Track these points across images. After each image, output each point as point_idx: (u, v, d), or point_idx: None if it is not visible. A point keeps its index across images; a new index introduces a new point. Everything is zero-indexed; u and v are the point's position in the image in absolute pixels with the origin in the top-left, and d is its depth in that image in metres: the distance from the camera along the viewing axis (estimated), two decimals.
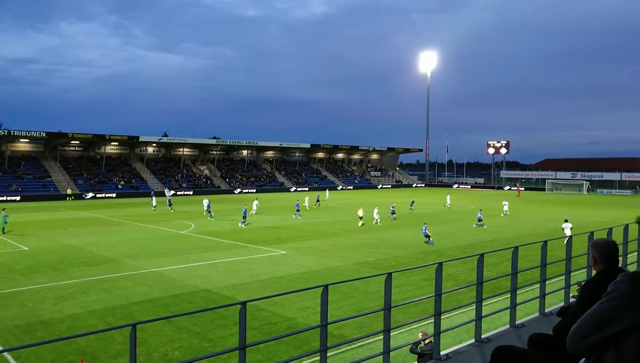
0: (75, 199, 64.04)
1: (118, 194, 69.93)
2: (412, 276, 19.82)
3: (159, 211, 48.01)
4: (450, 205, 53.35)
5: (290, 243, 29.49)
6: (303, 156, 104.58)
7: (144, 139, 79.56)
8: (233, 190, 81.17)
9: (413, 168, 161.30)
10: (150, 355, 12.25)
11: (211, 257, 24.95)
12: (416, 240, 30.80)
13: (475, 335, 7.60)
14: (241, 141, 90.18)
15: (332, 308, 13.82)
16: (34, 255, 25.51)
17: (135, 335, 4.61)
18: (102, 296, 17.60)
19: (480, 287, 7.72)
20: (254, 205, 46.23)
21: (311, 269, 22.27)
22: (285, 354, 12.07)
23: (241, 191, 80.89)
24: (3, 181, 66.30)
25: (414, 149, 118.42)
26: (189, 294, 18.01)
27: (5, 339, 13.43)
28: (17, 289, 18.59)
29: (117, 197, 68.83)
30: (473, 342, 7.56)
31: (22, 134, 69.04)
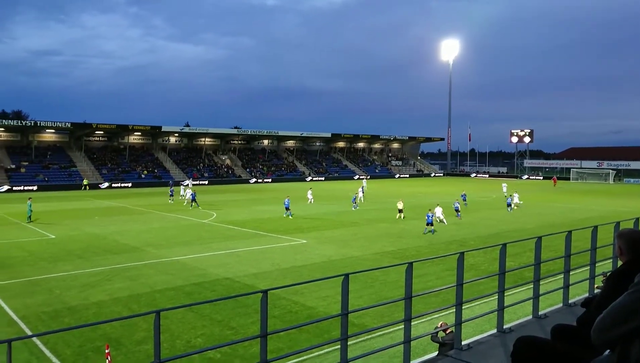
0: (90, 189, 64.90)
1: (134, 184, 70.61)
2: (432, 266, 19.73)
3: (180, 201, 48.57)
4: (507, 194, 51.85)
5: (310, 232, 29.58)
6: (323, 145, 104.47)
7: (166, 129, 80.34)
8: (249, 180, 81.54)
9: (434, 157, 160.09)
10: (174, 341, 12.46)
11: (232, 246, 25.19)
12: (437, 230, 30.61)
13: (497, 325, 7.54)
14: (262, 131, 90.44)
15: (353, 297, 13.84)
16: (60, 243, 26.07)
17: (159, 322, 4.68)
18: (126, 284, 17.93)
19: (503, 277, 7.64)
20: (309, 194, 46.51)
21: (331, 258, 22.33)
22: (306, 342, 12.15)
23: (256, 181, 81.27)
24: (30, 171, 67.74)
25: (435, 138, 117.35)
26: (211, 282, 18.23)
27: (34, 325, 13.80)
28: (45, 276, 19.05)
29: (132, 187, 69.43)
30: (495, 332, 7.51)
31: (48, 125, 70.31)
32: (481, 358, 6.42)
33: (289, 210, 36.65)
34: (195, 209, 41.41)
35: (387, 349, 8.33)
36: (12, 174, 66.11)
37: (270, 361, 5.59)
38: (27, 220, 33.55)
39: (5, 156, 69.72)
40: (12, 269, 20.22)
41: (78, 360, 11.35)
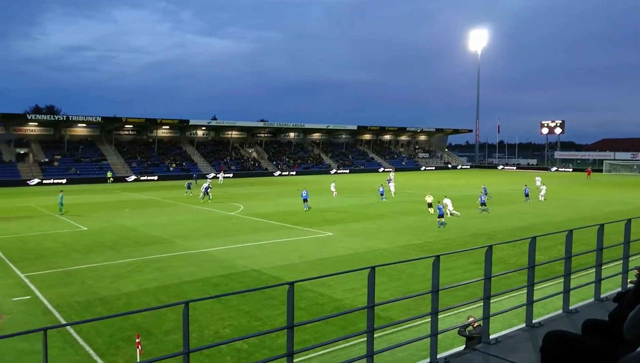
0: (116, 182, 65.92)
1: (160, 176, 71.46)
2: (460, 259, 19.54)
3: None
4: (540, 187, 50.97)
5: (336, 225, 29.60)
6: (349, 138, 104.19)
7: (194, 122, 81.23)
8: (273, 172, 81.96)
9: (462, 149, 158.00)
10: (202, 332, 12.65)
11: (259, 238, 25.39)
12: (463, 223, 30.29)
13: (526, 319, 7.43)
14: (288, 124, 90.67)
15: (379, 290, 13.80)
16: (92, 235, 26.70)
17: (187, 312, 4.76)
18: (155, 275, 18.27)
19: (532, 271, 7.52)
20: (332, 187, 46.71)
21: (357, 251, 22.32)
22: (332, 334, 12.20)
23: (281, 174, 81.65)
24: (63, 165, 69.44)
25: (463, 130, 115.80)
26: (238, 274, 18.43)
27: (68, 314, 14.18)
28: (77, 267, 19.54)
29: (158, 180, 70.28)
30: (524, 326, 7.40)
31: (80, 119, 71.86)
32: (509, 352, 6.34)
33: (306, 202, 36.69)
34: (213, 202, 41.77)
35: (413, 342, 8.28)
36: (45, 168, 67.88)
37: (297, 352, 5.63)
38: (58, 212, 34.44)
39: (39, 150, 71.59)
40: (46, 260, 20.81)
41: (110, 349, 11.63)
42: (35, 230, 28.37)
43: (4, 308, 14.79)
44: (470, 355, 6.55)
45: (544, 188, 42.58)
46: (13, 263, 20.14)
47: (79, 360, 11.07)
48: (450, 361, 6.21)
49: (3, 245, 23.76)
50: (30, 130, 73.48)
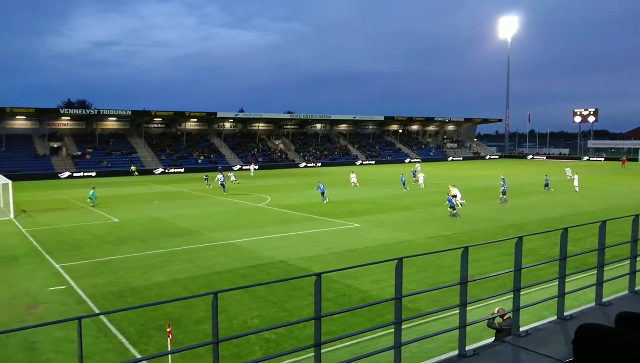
0: (141, 175, 66.77)
1: (187, 169, 72.29)
2: (489, 250, 19.29)
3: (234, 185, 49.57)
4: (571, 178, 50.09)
5: (363, 216, 29.54)
6: (376, 128, 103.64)
7: (221, 115, 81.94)
8: (298, 164, 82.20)
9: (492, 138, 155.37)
10: (231, 322, 12.82)
11: (286, 229, 25.53)
12: (493, 214, 29.89)
13: (557, 312, 7.30)
14: (314, 115, 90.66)
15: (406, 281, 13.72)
16: (123, 226, 27.26)
17: (216, 302, 4.81)
18: (185, 266, 18.56)
19: (564, 263, 7.37)
20: (353, 178, 46.71)
21: (384, 242, 22.24)
22: (359, 325, 12.21)
23: (306, 165, 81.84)
24: (95, 158, 70.98)
25: (492, 120, 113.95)
26: (266, 265, 18.58)
27: (101, 304, 14.55)
28: (110, 258, 20.00)
29: (185, 172, 71.03)
30: (555, 319, 7.28)
31: (110, 113, 73.24)
32: (540, 344, 6.25)
33: (324, 195, 36.66)
34: (240, 194, 42.12)
35: (441, 334, 8.23)
36: (78, 161, 69.50)
37: (324, 343, 5.65)
38: (90, 205, 35.27)
39: (71, 144, 73.31)
40: (80, 251, 21.35)
41: (142, 338, 11.89)
42: (69, 221, 29.13)
43: (41, 297, 15.25)
44: (499, 347, 6.48)
45: (576, 178, 41.55)
46: (49, 254, 20.73)
47: (112, 349, 11.36)
48: (479, 353, 6.15)
49: (39, 237, 24.47)
50: (63, 124, 75.27)
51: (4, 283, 16.75)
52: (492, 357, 6.12)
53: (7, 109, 66.04)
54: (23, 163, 65.71)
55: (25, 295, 15.45)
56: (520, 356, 6.19)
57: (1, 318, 13.51)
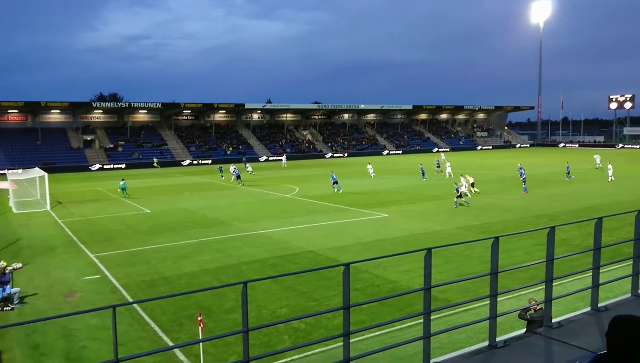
0: (161, 167, 67.41)
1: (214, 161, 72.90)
2: (520, 241, 18.97)
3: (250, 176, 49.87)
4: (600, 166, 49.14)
5: (391, 206, 29.40)
6: (405, 118, 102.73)
7: (249, 106, 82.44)
8: (324, 154, 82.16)
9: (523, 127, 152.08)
10: (260, 311, 12.96)
11: (315, 220, 25.60)
12: (525, 203, 29.36)
13: (591, 303, 7.15)
14: (342, 105, 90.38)
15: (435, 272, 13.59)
16: (155, 217, 27.78)
17: (246, 292, 4.87)
18: (215, 256, 18.82)
19: (598, 253, 7.20)
20: (369, 169, 46.62)
21: (413, 232, 22.10)
22: (388, 315, 12.19)
23: (332, 156, 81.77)
24: (126, 150, 72.39)
25: (524, 107, 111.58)
26: (294, 255, 18.69)
27: (134, 292, 14.89)
28: (142, 248, 20.42)
29: (212, 164, 71.43)
30: (588, 310, 7.13)
31: (141, 106, 74.50)
32: (573, 336, 6.13)
33: (337, 184, 36.61)
34: (269, 184, 42.35)
35: (471, 325, 8.14)
36: (110, 153, 71.02)
37: (353, 333, 5.66)
38: (121, 196, 36.05)
39: (104, 136, 74.91)
40: (114, 241, 21.87)
41: (174, 326, 12.13)
42: (102, 212, 29.84)
43: (77, 286, 15.70)
44: (531, 339, 6.39)
45: (610, 167, 40.40)
46: (83, 244, 21.30)
47: (145, 336, 11.62)
48: (509, 344, 6.07)
49: (74, 227, 25.15)
50: (96, 117, 76.92)
51: (42, 272, 17.30)
52: (523, 348, 6.03)
53: (43, 103, 67.86)
54: (58, 156, 67.51)
55: (62, 284, 15.92)
56: (552, 347, 6.09)
57: (40, 306, 13.97)
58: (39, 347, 11.23)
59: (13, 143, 67.45)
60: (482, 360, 5.77)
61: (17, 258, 18.88)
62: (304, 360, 10.07)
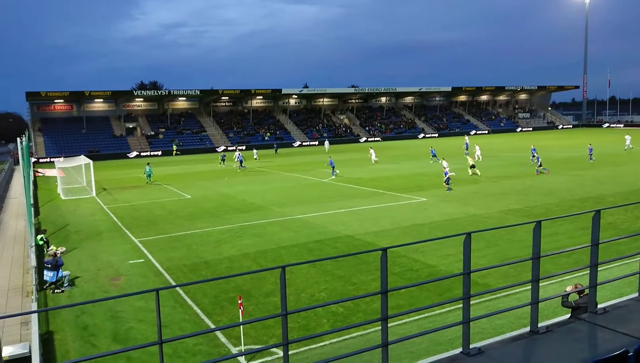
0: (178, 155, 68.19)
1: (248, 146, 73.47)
2: (564, 224, 18.48)
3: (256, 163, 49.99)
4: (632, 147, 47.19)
5: (430, 190, 29.06)
6: (443, 100, 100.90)
7: (286, 91, 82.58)
8: (358, 139, 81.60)
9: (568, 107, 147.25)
10: (299, 295, 13.10)
11: (352, 204, 25.58)
12: (569, 185, 28.50)
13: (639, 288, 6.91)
14: (379, 88, 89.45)
15: (476, 256, 13.45)
16: (195, 202, 28.34)
17: (284, 276, 4.92)
18: (254, 241, 19.09)
19: None
20: (372, 155, 45.97)
21: (452, 216, 21.81)
22: (427, 300, 12.13)
23: (366, 140, 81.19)
24: (167, 137, 73.84)
25: (568, 87, 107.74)
26: (332, 240, 18.76)
27: (177, 276, 15.29)
28: (183, 233, 20.90)
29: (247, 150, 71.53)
30: (636, 296, 6.90)
31: (180, 93, 75.73)
32: (619, 322, 5.95)
33: (334, 169, 36.57)
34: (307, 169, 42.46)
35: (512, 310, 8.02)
36: (152, 141, 72.61)
37: (391, 317, 5.65)
38: (146, 182, 37.19)
39: (145, 124, 76.60)
40: (156, 226, 22.45)
41: (215, 309, 12.41)
42: (145, 198, 30.64)
43: (122, 270, 16.23)
44: (575, 325, 6.23)
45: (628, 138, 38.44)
46: (128, 229, 21.96)
47: (188, 319, 11.94)
48: (552, 330, 5.95)
49: (119, 213, 25.94)
50: (137, 105, 78.64)
51: (90, 256, 17.96)
52: (567, 334, 5.89)
53: (86, 92, 69.85)
54: (102, 144, 69.51)
55: (108, 268, 16.49)
56: (597, 334, 5.93)
57: (88, 289, 14.53)
58: (88, 327, 11.70)
59: (60, 132, 69.81)
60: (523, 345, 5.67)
61: (66, 242, 19.66)
62: (343, 343, 10.14)
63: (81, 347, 10.74)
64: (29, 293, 14.08)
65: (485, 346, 5.52)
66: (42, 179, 43.67)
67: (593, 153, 39.43)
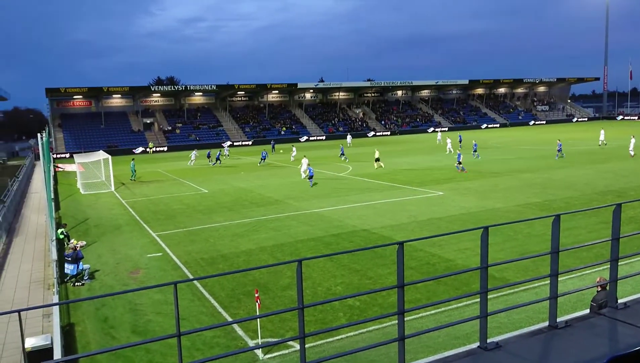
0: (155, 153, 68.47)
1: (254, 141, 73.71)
2: (584, 218, 18.23)
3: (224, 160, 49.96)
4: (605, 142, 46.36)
5: (447, 184, 28.87)
6: (460, 93, 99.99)
7: (302, 86, 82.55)
8: (367, 133, 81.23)
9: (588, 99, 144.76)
10: (316, 288, 13.13)
11: (369, 198, 25.53)
12: (589, 178, 28.09)
13: None
14: (395, 82, 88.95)
15: (494, 250, 13.36)
16: (212, 197, 28.54)
17: (301, 270, 4.92)
18: (270, 234, 19.17)
19: None
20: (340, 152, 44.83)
21: (470, 210, 21.65)
22: (444, 294, 12.07)
23: (375, 134, 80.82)
24: (184, 132, 74.37)
25: (588, 79, 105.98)
26: (349, 233, 18.75)
27: (194, 269, 15.43)
28: (201, 227, 21.06)
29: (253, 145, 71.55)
30: None
31: (197, 88, 76.13)
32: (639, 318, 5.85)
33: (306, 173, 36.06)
34: (325, 164, 42.41)
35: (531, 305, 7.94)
36: (169, 136, 73.18)
37: (408, 311, 5.64)
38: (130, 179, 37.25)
39: (162, 119, 77.22)
40: (174, 220, 22.66)
41: (232, 302, 12.51)
42: (162, 193, 30.94)
43: (141, 263, 16.43)
44: (594, 320, 6.15)
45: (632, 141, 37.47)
46: (146, 223, 22.20)
47: (205, 312, 12.05)
48: (571, 325, 5.87)
49: (137, 207, 26.24)
50: (154, 101, 79.31)
51: (109, 250, 18.20)
52: (586, 330, 5.82)
53: (105, 88, 70.62)
54: (120, 139, 70.27)
55: (127, 261, 16.71)
56: (618, 329, 5.84)
57: (108, 282, 14.74)
58: (108, 320, 11.88)
59: (79, 128, 70.74)
60: (542, 340, 5.62)
61: (86, 236, 19.95)
62: (359, 337, 10.15)
63: (101, 339, 10.91)
64: (50, 286, 14.34)
65: (503, 340, 5.48)
66: (62, 174, 44.35)
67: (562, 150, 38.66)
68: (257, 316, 10.60)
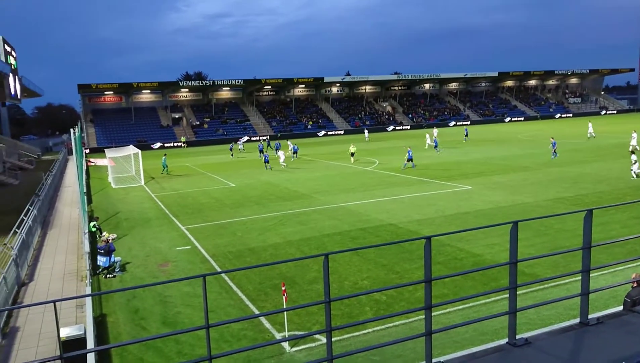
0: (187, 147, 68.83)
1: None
2: (617, 213, 17.77)
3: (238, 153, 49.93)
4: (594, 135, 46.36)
5: (475, 178, 28.50)
6: (489, 85, 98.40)
7: (328, 79, 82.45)
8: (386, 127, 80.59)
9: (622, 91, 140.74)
10: (342, 282, 13.15)
11: (395, 192, 25.39)
12: (622, 173, 27.34)
13: None
14: (422, 75, 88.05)
15: (523, 245, 13.14)
16: (240, 191, 28.79)
17: (327, 264, 4.94)
18: (297, 228, 19.25)
19: None
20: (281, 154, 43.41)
21: (499, 205, 21.34)
22: (472, 290, 11.95)
23: (394, 129, 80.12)
24: (211, 127, 75.14)
25: (623, 70, 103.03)
26: (375, 228, 18.70)
27: (222, 262, 15.62)
28: (229, 220, 21.29)
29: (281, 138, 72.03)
30: None
31: (224, 83, 76.79)
32: None
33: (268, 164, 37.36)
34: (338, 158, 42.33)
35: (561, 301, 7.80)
36: (197, 130, 74.06)
37: (435, 306, 5.60)
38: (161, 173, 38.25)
39: (191, 114, 78.16)
40: (203, 214, 22.96)
41: (259, 295, 12.63)
42: (191, 186, 31.36)
43: (170, 256, 16.71)
44: (627, 317, 6.01)
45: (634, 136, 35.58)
46: (175, 217, 22.55)
47: (233, 304, 12.19)
48: (603, 322, 5.75)
49: (166, 201, 26.66)
50: (183, 96, 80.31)
51: (139, 243, 18.56)
52: (619, 327, 5.69)
53: (134, 84, 71.83)
54: (150, 133, 71.44)
55: (157, 254, 17.01)
56: None
57: (138, 274, 15.05)
58: (138, 311, 12.13)
59: (110, 123, 72.17)
60: (572, 337, 5.52)
61: (117, 229, 20.38)
62: (385, 331, 10.14)
63: (132, 330, 11.15)
64: (83, 277, 14.71)
65: (533, 337, 5.40)
66: (94, 168, 45.36)
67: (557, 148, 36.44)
68: (284, 310, 10.68)
